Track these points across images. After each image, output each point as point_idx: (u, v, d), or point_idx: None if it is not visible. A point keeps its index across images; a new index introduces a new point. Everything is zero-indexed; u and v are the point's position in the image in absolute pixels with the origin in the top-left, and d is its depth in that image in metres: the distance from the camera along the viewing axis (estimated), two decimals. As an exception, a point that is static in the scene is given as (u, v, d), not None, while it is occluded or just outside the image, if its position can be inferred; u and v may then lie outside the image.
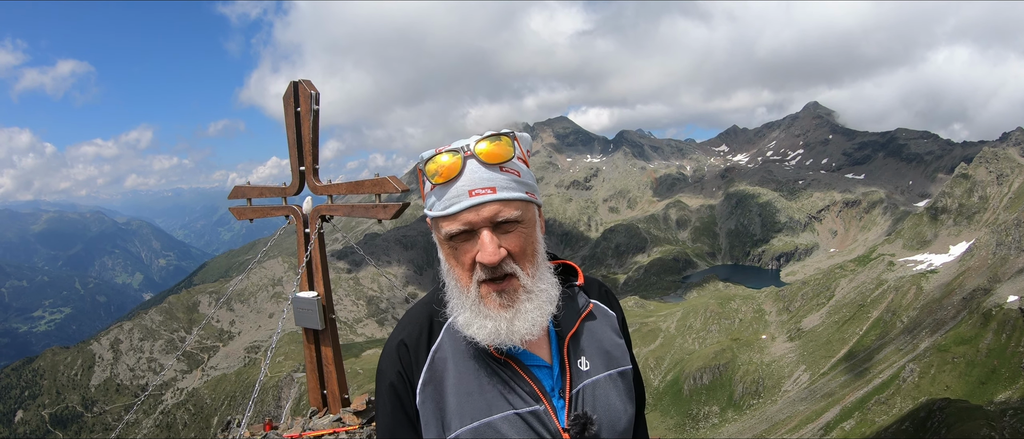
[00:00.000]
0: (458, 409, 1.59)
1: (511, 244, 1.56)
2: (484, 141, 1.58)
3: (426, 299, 1.80)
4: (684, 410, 72.30)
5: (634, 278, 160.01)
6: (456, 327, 1.65)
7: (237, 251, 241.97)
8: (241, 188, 7.44)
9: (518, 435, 1.57)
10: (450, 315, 1.67)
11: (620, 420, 1.73)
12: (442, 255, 1.65)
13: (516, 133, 1.65)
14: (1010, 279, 62.08)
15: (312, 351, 7.16)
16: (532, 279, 1.60)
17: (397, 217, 6.25)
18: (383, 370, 1.74)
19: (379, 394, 1.75)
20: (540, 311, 1.60)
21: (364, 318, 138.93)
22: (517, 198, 1.57)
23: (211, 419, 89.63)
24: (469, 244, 1.56)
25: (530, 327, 1.57)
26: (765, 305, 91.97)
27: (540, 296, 1.60)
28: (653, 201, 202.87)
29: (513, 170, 1.59)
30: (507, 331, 1.56)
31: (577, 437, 1.61)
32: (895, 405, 48.89)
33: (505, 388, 1.62)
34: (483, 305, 1.57)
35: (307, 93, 6.60)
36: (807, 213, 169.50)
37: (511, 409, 1.59)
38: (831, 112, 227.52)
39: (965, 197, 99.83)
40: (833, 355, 71.92)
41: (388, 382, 1.71)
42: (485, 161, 1.56)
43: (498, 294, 1.57)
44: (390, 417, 1.70)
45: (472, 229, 1.54)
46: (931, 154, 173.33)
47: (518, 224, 1.57)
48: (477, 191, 1.53)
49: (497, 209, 1.53)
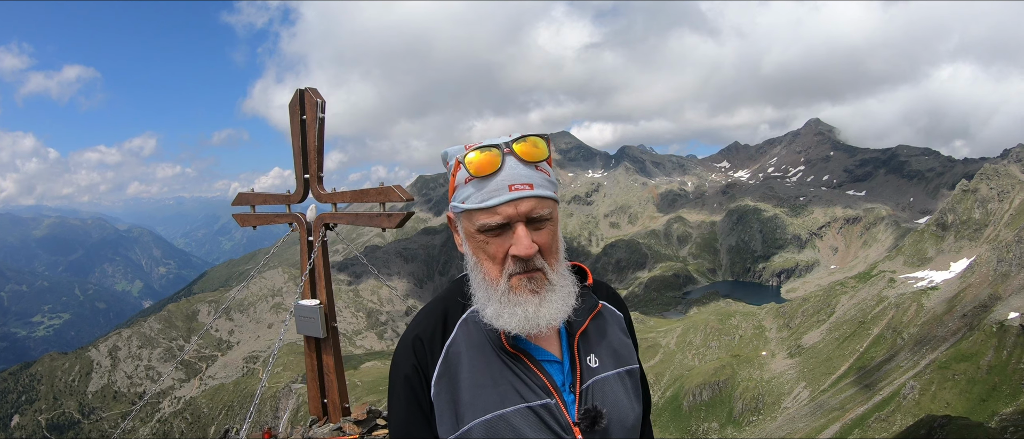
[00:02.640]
0: (471, 402, 1.62)
1: (541, 240, 1.63)
2: (521, 140, 1.66)
3: (441, 296, 1.84)
4: (683, 426, 71.95)
5: (635, 294, 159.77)
6: (480, 320, 1.69)
7: (237, 261, 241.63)
8: (245, 195, 7.45)
9: (530, 428, 1.60)
10: (476, 308, 1.71)
11: (628, 417, 1.75)
12: (469, 249, 1.69)
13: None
14: (1011, 296, 61.88)
15: (313, 359, 7.15)
16: (557, 275, 1.67)
17: (401, 226, 6.24)
18: (398, 363, 1.77)
19: (393, 387, 1.78)
20: (563, 302, 1.66)
21: (364, 330, 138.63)
22: (551, 196, 1.65)
23: (208, 429, 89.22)
24: (501, 238, 1.62)
25: (554, 314, 1.63)
26: (765, 321, 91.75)
27: (563, 290, 1.67)
28: (654, 217, 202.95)
29: (547, 171, 1.67)
30: (535, 316, 1.61)
31: (587, 431, 1.63)
32: (896, 422, 48.64)
33: (517, 382, 1.65)
34: (513, 294, 1.62)
35: (313, 101, 6.61)
36: (808, 229, 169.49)
37: (523, 402, 1.62)
38: (832, 129, 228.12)
39: (966, 214, 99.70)
40: (833, 372, 71.66)
41: (403, 375, 1.74)
42: (524, 159, 1.63)
43: (528, 281, 1.62)
44: (404, 410, 1.72)
45: (507, 223, 1.60)
46: (932, 171, 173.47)
47: (548, 222, 1.65)
48: (517, 186, 1.59)
49: (533, 205, 1.60)
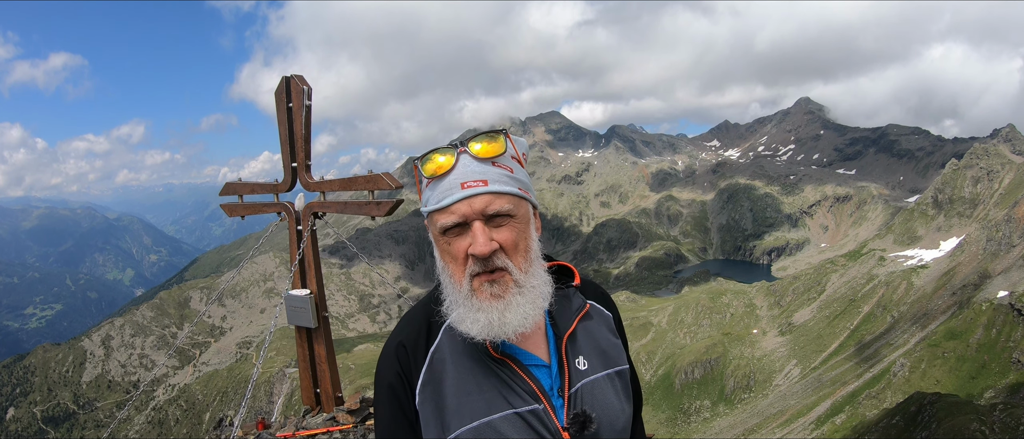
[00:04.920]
0: (457, 409, 1.59)
1: (503, 238, 1.58)
2: (478, 138, 1.64)
3: (424, 300, 1.79)
4: (675, 405, 72.51)
5: (625, 273, 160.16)
6: (453, 325, 1.64)
7: (228, 246, 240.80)
8: (233, 184, 7.37)
9: (518, 434, 1.57)
10: (446, 313, 1.66)
11: (618, 419, 1.72)
12: (437, 252, 1.66)
13: (512, 135, 1.70)
14: (1000, 274, 62.43)
15: (305, 349, 7.12)
16: (524, 275, 1.61)
17: (390, 214, 6.20)
18: (382, 372, 1.74)
19: (378, 396, 1.75)
20: (532, 305, 1.60)
21: (356, 313, 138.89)
22: (508, 192, 1.60)
23: (203, 415, 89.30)
24: (462, 238, 1.58)
25: (522, 320, 1.57)
26: (756, 300, 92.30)
27: (532, 292, 1.61)
28: (645, 196, 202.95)
29: (506, 166, 1.63)
30: (499, 323, 1.56)
31: (576, 436, 1.61)
32: (885, 399, 49.09)
33: (504, 387, 1.61)
34: (475, 298, 1.58)
35: (299, 88, 6.53)
36: (798, 208, 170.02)
37: (510, 408, 1.59)
38: (822, 107, 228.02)
39: (956, 193, 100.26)
40: (824, 349, 72.27)
41: (387, 383, 1.70)
42: (477, 156, 1.60)
43: (490, 284, 1.57)
44: (389, 419, 1.69)
45: (465, 222, 1.56)
46: (922, 150, 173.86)
47: (510, 218, 1.60)
48: (469, 183, 1.56)
49: (488, 201, 1.56)
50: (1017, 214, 69.15)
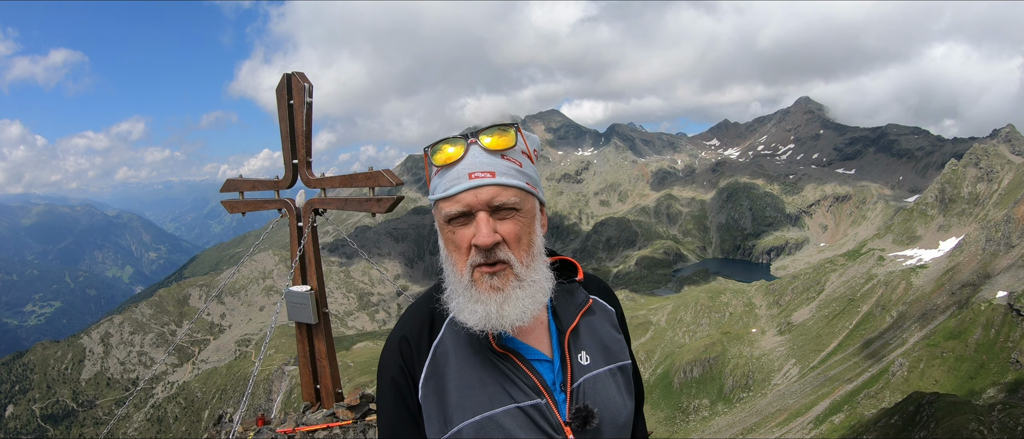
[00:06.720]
0: (460, 403, 1.59)
1: (506, 230, 1.58)
2: (489, 130, 1.64)
3: (427, 294, 1.79)
4: (674, 403, 72.55)
5: (625, 271, 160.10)
6: (454, 317, 1.65)
7: (227, 244, 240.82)
8: (233, 181, 7.39)
9: (520, 428, 1.57)
10: (448, 303, 1.66)
11: (620, 414, 1.73)
12: (441, 241, 1.67)
13: (524, 130, 1.71)
14: (999, 274, 62.54)
15: (305, 346, 7.13)
16: (525, 269, 1.61)
17: (391, 211, 6.20)
18: (385, 365, 1.74)
19: (381, 389, 1.75)
20: (532, 299, 1.60)
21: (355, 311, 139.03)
22: (515, 185, 1.60)
23: (202, 412, 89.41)
24: (466, 228, 1.59)
25: (520, 314, 1.58)
26: (755, 299, 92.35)
27: (532, 286, 1.61)
28: (644, 194, 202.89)
29: (515, 160, 1.64)
30: (496, 315, 1.57)
31: (578, 430, 1.61)
32: (884, 399, 49.18)
33: (506, 382, 1.62)
34: (475, 289, 1.58)
35: (300, 85, 6.53)
36: (798, 207, 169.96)
37: (513, 403, 1.59)
38: (822, 107, 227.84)
39: (955, 193, 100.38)
40: (823, 349, 72.30)
41: (390, 377, 1.71)
42: (487, 148, 1.61)
43: (490, 277, 1.57)
44: (392, 412, 1.70)
45: (470, 212, 1.57)
46: (921, 150, 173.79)
47: (516, 212, 1.60)
48: (476, 174, 1.57)
49: (495, 192, 1.57)
50: (1016, 214, 69.25)
